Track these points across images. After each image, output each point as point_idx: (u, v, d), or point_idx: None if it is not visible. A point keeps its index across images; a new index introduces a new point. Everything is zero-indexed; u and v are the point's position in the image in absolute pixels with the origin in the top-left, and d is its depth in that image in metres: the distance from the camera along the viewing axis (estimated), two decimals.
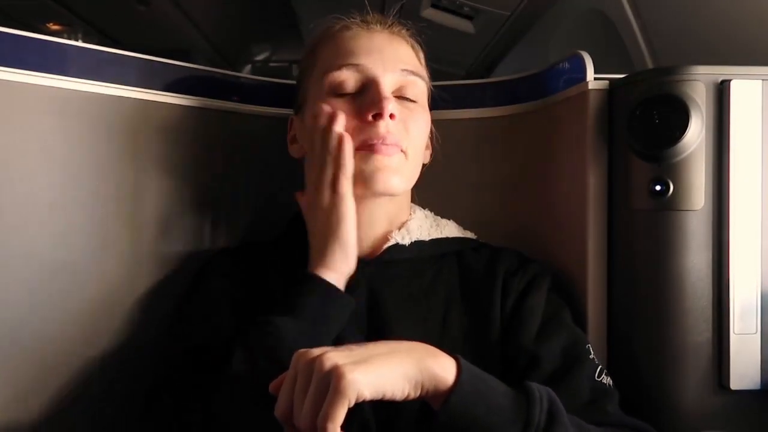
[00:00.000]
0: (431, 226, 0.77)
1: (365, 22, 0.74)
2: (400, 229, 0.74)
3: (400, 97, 0.71)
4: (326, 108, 0.68)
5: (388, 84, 0.69)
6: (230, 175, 0.86)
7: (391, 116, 0.67)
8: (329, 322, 0.64)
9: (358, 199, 0.68)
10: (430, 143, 0.79)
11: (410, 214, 0.77)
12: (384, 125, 0.67)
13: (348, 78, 0.69)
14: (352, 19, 0.74)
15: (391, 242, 0.72)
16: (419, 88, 0.72)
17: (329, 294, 0.65)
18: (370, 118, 0.67)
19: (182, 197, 0.82)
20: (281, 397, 0.50)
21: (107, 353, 0.76)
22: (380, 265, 0.72)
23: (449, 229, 0.78)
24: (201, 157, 0.83)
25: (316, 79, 0.72)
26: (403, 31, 0.76)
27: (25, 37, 0.69)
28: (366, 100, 0.68)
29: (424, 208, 0.80)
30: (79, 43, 0.74)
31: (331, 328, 0.65)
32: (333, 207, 0.66)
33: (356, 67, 0.69)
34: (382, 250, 0.72)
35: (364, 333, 0.68)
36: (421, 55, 0.77)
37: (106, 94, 0.75)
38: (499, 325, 0.70)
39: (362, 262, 0.71)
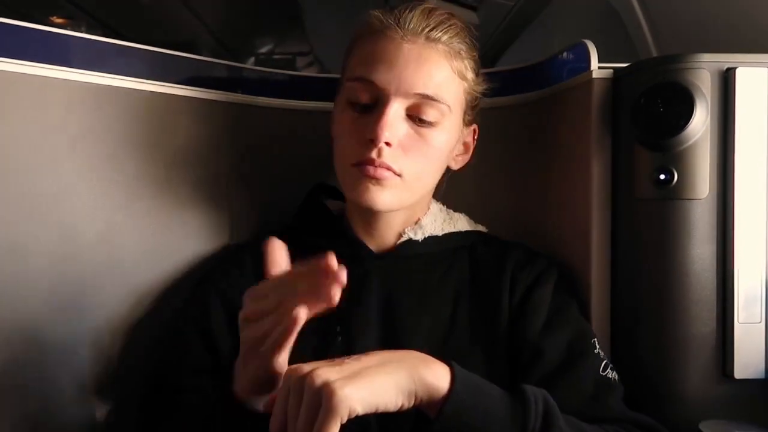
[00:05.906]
0: (444, 221, 0.77)
1: (402, 27, 0.67)
2: (414, 225, 0.75)
3: (414, 116, 0.67)
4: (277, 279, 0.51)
5: (396, 108, 0.66)
6: (234, 167, 0.86)
7: (388, 144, 0.65)
8: None
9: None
10: (465, 149, 0.77)
11: (426, 210, 0.77)
12: (375, 151, 0.65)
13: (361, 91, 0.67)
14: (390, 21, 0.68)
15: (404, 238, 0.74)
16: (439, 110, 0.67)
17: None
18: (369, 137, 0.66)
19: (187, 188, 0.82)
20: (274, 415, 0.49)
21: (114, 344, 0.77)
22: (392, 260, 0.73)
23: (461, 223, 0.78)
24: (205, 148, 0.83)
25: (347, 72, 0.71)
26: (444, 38, 0.68)
27: (29, 28, 0.69)
28: (371, 119, 0.66)
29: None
30: (84, 35, 0.74)
31: None
32: (260, 372, 0.52)
33: (370, 83, 0.66)
34: (395, 246, 0.74)
35: (375, 328, 0.69)
36: (467, 62, 0.70)
37: (110, 86, 0.75)
38: (506, 319, 0.71)
39: (375, 256, 0.73)
